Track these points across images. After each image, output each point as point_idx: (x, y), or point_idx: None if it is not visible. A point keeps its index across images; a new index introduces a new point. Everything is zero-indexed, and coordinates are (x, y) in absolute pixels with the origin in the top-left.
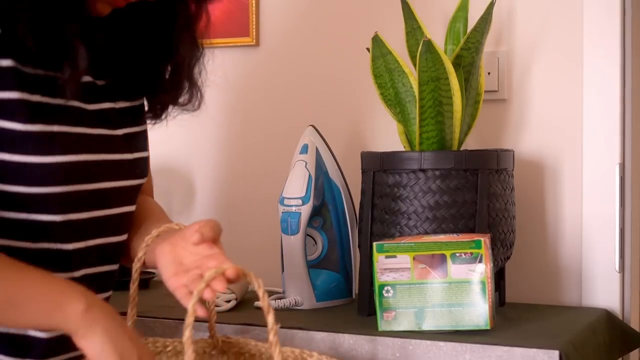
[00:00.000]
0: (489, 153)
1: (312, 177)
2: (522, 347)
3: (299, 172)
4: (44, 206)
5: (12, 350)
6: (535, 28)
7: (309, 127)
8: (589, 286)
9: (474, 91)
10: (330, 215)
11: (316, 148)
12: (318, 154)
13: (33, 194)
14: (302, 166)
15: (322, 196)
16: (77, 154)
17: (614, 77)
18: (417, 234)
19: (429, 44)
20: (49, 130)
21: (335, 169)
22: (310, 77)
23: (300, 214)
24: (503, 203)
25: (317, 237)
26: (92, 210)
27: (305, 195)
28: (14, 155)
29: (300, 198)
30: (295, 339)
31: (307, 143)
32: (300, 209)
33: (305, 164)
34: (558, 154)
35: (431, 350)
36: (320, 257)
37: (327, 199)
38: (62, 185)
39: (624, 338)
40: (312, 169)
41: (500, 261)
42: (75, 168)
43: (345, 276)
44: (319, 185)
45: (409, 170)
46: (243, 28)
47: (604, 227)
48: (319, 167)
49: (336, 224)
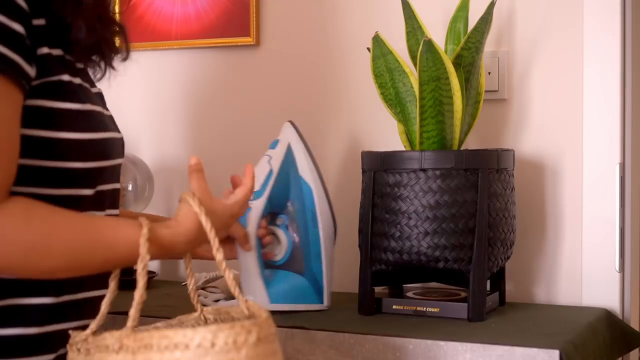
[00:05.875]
0: (489, 153)
1: (272, 172)
2: (523, 346)
3: (259, 167)
4: (83, 181)
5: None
6: (535, 28)
7: (287, 122)
8: (589, 286)
9: (474, 91)
10: (296, 215)
11: (288, 144)
12: (289, 150)
13: (81, 168)
14: (265, 161)
15: (287, 194)
16: (109, 131)
17: (614, 77)
18: (417, 233)
19: (429, 43)
20: (94, 110)
21: (310, 167)
22: (310, 77)
23: (249, 209)
24: (503, 203)
25: (282, 236)
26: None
27: (259, 190)
28: (71, 133)
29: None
30: (295, 338)
31: (279, 139)
32: (250, 204)
33: (270, 158)
34: (558, 154)
35: (431, 349)
36: (285, 258)
37: (294, 197)
38: (99, 161)
39: (624, 337)
40: (275, 165)
41: (501, 261)
42: (110, 144)
43: (312, 280)
44: (283, 182)
45: (410, 169)
46: (243, 28)
47: (604, 227)
48: (287, 163)
49: (302, 224)
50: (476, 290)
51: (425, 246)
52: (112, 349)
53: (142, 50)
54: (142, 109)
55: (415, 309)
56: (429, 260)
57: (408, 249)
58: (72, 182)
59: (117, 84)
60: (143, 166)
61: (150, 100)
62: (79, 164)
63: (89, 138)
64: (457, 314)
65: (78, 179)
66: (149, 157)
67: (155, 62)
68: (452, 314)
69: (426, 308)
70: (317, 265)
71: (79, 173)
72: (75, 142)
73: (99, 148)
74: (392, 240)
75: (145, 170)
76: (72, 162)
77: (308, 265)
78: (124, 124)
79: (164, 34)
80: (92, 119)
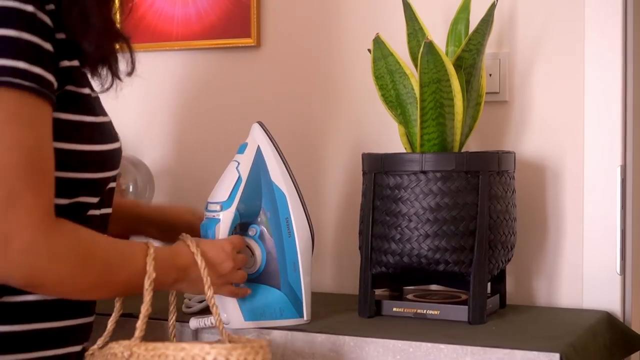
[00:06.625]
0: (490, 155)
1: (241, 179)
2: (523, 349)
3: (227, 174)
4: (94, 190)
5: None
6: (536, 30)
7: (255, 123)
8: (589, 288)
9: (475, 93)
10: (270, 224)
11: (258, 147)
12: (259, 154)
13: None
14: (232, 167)
15: (259, 202)
16: (117, 141)
17: (615, 79)
18: (417, 236)
19: (430, 45)
20: (104, 121)
21: (282, 171)
22: (311, 78)
23: (218, 221)
24: (504, 205)
25: (255, 248)
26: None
27: (227, 200)
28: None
29: (220, 203)
30: (295, 340)
31: (247, 142)
32: (218, 215)
33: (238, 164)
34: (559, 156)
35: (432, 352)
36: (259, 271)
37: (266, 205)
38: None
39: (625, 340)
40: (244, 171)
41: (501, 263)
42: (118, 153)
43: (290, 293)
44: (254, 189)
45: (410, 172)
46: (244, 29)
47: (605, 229)
48: (257, 169)
49: (276, 234)
50: (477, 293)
51: (426, 248)
52: (122, 356)
53: (143, 51)
54: (143, 110)
55: (415, 312)
56: (429, 262)
57: (408, 252)
58: (80, 192)
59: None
60: (143, 167)
61: (151, 101)
62: (89, 174)
63: (102, 150)
64: (458, 316)
65: (86, 188)
66: (149, 158)
67: (156, 63)
68: (452, 316)
69: (426, 311)
70: (295, 277)
71: (87, 183)
72: (87, 154)
73: (111, 158)
74: (393, 243)
75: (146, 171)
76: (82, 172)
77: (284, 277)
78: (125, 124)
79: (165, 35)
80: (105, 130)
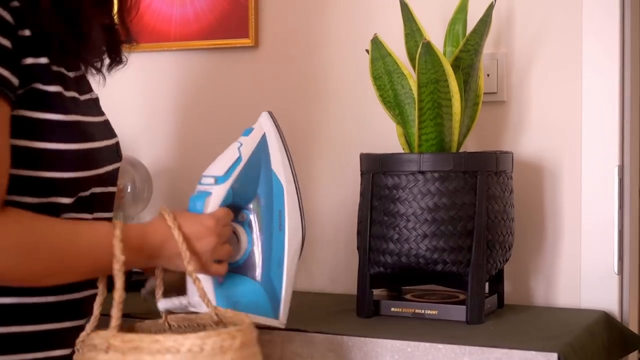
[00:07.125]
0: (488, 155)
1: (241, 159)
2: (521, 349)
3: (227, 152)
4: (62, 190)
5: None
6: (534, 30)
7: (264, 112)
8: (587, 288)
9: (473, 93)
10: (262, 213)
11: (263, 134)
12: (263, 141)
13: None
14: (234, 147)
15: (255, 188)
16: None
17: (613, 79)
18: (415, 236)
19: (428, 46)
20: (80, 120)
21: (285, 163)
22: (309, 79)
23: (209, 194)
24: (502, 205)
25: (242, 234)
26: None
27: (223, 175)
28: (52, 143)
29: (215, 177)
30: (293, 340)
31: (254, 127)
32: (211, 188)
33: (240, 145)
34: (557, 156)
35: (430, 352)
36: (241, 260)
37: (262, 193)
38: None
39: (623, 340)
40: (246, 153)
41: (499, 263)
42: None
43: (269, 290)
44: (252, 174)
45: (408, 172)
46: (242, 29)
47: (602, 229)
48: (259, 155)
49: (267, 225)
50: (475, 293)
51: (424, 249)
52: (100, 348)
53: (141, 51)
54: (141, 110)
55: (413, 312)
56: (427, 262)
57: (406, 252)
58: (50, 191)
59: (116, 84)
60: (142, 168)
61: (149, 101)
62: (58, 173)
63: (70, 149)
64: (456, 316)
65: (57, 188)
66: (147, 159)
67: (154, 63)
68: (450, 316)
69: (424, 310)
70: (278, 275)
71: (58, 183)
72: (54, 153)
73: (82, 158)
74: (391, 243)
75: (144, 171)
76: (51, 171)
77: (267, 272)
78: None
79: (163, 35)
80: (76, 129)
